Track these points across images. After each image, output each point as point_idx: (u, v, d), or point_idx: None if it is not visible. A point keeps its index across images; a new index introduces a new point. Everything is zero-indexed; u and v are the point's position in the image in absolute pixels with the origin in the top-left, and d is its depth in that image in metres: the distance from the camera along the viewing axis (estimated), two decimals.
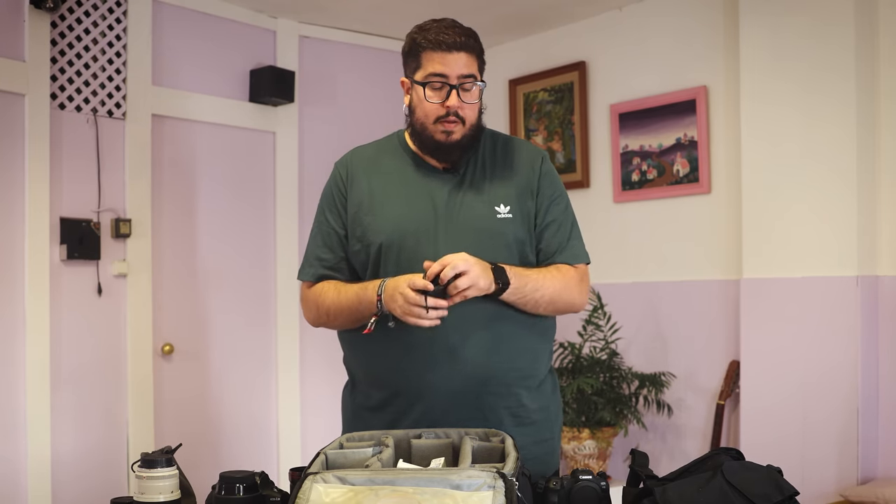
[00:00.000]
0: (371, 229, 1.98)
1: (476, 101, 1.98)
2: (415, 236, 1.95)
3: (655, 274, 4.16)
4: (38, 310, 3.52)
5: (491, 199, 1.99)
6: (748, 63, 3.68)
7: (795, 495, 1.46)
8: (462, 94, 1.94)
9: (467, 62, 1.94)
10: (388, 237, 1.96)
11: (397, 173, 2.03)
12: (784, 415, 3.53)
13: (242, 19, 4.21)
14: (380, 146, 2.12)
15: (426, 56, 1.93)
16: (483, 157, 2.05)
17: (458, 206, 1.98)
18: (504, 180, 2.03)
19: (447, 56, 1.91)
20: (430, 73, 1.93)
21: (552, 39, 4.60)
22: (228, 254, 4.17)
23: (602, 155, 4.37)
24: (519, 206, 2.01)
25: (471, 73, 1.95)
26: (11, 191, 3.50)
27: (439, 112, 1.93)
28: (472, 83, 1.95)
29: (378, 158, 2.07)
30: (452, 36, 1.92)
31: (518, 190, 2.03)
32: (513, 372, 1.96)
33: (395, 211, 1.98)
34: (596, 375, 3.90)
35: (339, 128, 4.50)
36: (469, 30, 1.97)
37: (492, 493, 1.33)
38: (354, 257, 2.02)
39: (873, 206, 3.45)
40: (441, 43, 1.91)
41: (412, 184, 2.01)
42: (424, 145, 1.99)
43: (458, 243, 1.93)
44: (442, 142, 1.95)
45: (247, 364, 4.22)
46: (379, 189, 2.01)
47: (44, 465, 3.51)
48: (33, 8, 3.50)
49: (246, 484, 1.59)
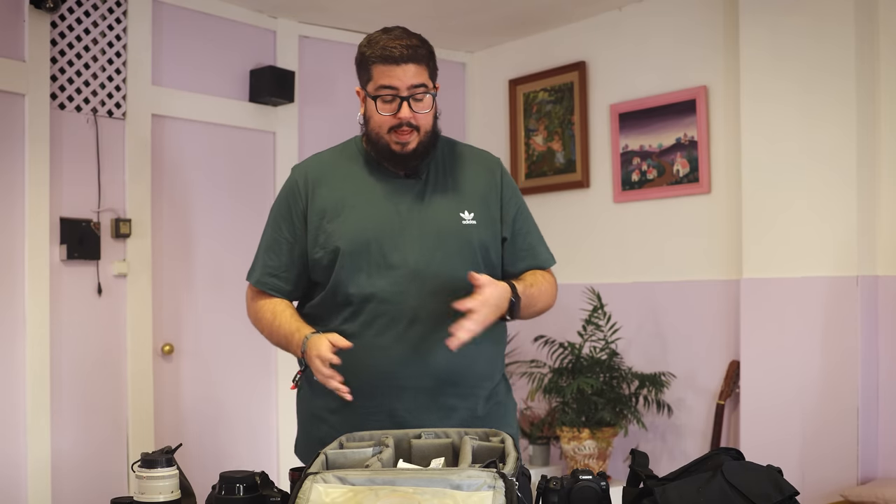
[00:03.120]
0: (335, 235, 2.00)
1: (429, 110, 1.98)
2: (378, 241, 1.98)
3: (655, 274, 4.16)
4: (38, 310, 3.52)
5: (455, 206, 2.03)
6: (748, 63, 3.68)
7: (795, 495, 1.46)
8: (414, 104, 1.96)
9: (416, 72, 1.94)
10: (352, 242, 1.99)
11: (360, 180, 2.06)
12: (784, 415, 3.53)
13: (242, 19, 4.21)
14: (338, 153, 2.14)
15: (375, 69, 1.95)
16: (443, 163, 2.08)
17: (423, 211, 2.01)
18: (466, 187, 2.07)
19: (395, 69, 1.93)
20: (380, 85, 1.95)
21: (552, 39, 4.59)
22: (228, 254, 4.17)
23: (602, 155, 4.37)
24: (482, 212, 2.05)
25: (420, 82, 1.95)
26: (11, 191, 3.50)
27: (392, 123, 1.96)
28: (423, 93, 1.96)
29: (339, 166, 2.10)
30: (399, 48, 1.93)
31: (480, 196, 2.06)
32: (474, 373, 2.02)
33: (358, 217, 2.01)
34: (596, 375, 3.90)
35: (339, 128, 4.48)
36: (417, 38, 1.97)
37: (492, 493, 1.33)
38: (316, 265, 2.04)
39: (873, 206, 3.45)
40: (388, 56, 1.93)
41: (375, 190, 2.04)
42: (381, 154, 2.02)
43: (424, 249, 1.98)
44: (397, 152, 1.99)
45: (247, 364, 4.22)
46: (342, 196, 2.03)
47: (44, 465, 3.51)
48: (33, 8, 3.50)
49: (246, 484, 1.59)
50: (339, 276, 2.00)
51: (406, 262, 1.97)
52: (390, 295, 1.97)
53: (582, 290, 4.10)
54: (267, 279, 2.10)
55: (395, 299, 1.97)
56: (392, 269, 1.97)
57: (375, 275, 1.97)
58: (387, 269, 1.97)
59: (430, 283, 1.97)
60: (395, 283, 1.97)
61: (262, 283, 2.11)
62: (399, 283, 1.97)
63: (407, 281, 1.97)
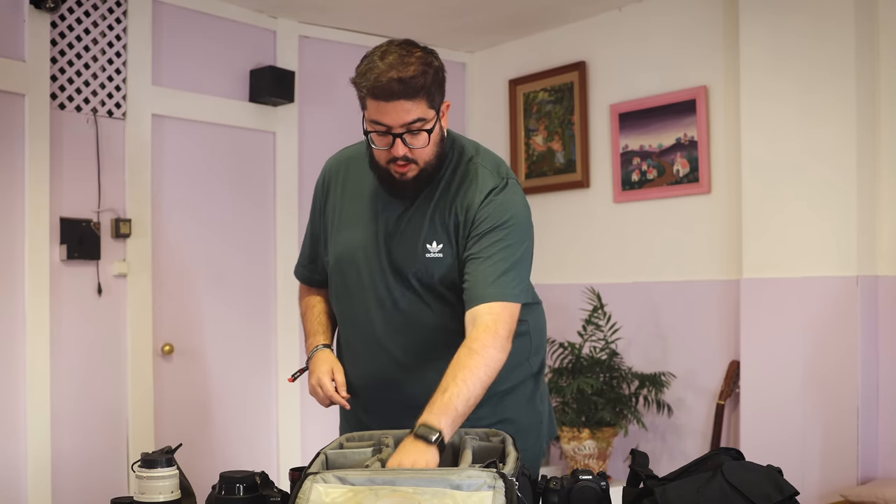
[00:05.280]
0: (329, 246, 2.04)
1: (425, 145, 1.82)
2: (356, 262, 1.97)
3: (655, 274, 4.15)
4: (38, 310, 3.52)
5: (426, 235, 1.90)
6: (748, 63, 3.68)
7: (795, 495, 1.46)
8: (409, 138, 1.80)
9: (409, 108, 1.77)
10: (337, 258, 2.01)
11: (361, 188, 2.01)
12: (784, 415, 3.53)
13: (242, 19, 4.21)
14: (356, 153, 2.06)
15: (368, 102, 1.79)
16: (438, 182, 1.92)
17: (397, 238, 1.94)
18: (445, 213, 1.91)
19: (386, 106, 1.76)
20: (372, 120, 1.80)
21: (552, 39, 4.59)
22: (228, 254, 4.17)
23: (602, 155, 4.37)
24: (451, 243, 1.90)
25: (415, 118, 1.78)
26: (11, 191, 3.50)
27: (387, 157, 1.84)
28: (418, 129, 1.80)
29: (352, 169, 2.05)
30: (390, 83, 1.74)
31: (453, 225, 1.89)
32: None
33: (348, 233, 2.00)
34: (596, 375, 3.90)
35: (339, 128, 4.49)
36: (416, 65, 1.77)
37: (492, 493, 1.33)
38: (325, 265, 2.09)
39: (873, 206, 3.45)
40: (378, 93, 1.76)
41: (370, 206, 1.98)
42: (381, 179, 1.91)
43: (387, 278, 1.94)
44: (398, 180, 1.87)
45: (247, 364, 4.22)
46: (344, 206, 2.03)
47: (44, 465, 3.51)
48: (33, 8, 3.50)
49: (246, 484, 1.60)
50: (332, 286, 2.06)
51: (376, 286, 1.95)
52: (360, 320, 1.98)
53: (582, 290, 4.10)
54: (299, 269, 2.20)
55: (364, 325, 1.97)
56: (363, 291, 1.96)
57: (352, 295, 1.99)
58: (360, 289, 1.97)
59: (392, 316, 1.94)
60: (365, 306, 1.96)
61: (296, 273, 2.21)
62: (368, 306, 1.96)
63: (376, 305, 1.95)
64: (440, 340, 1.90)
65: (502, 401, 1.97)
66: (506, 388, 1.97)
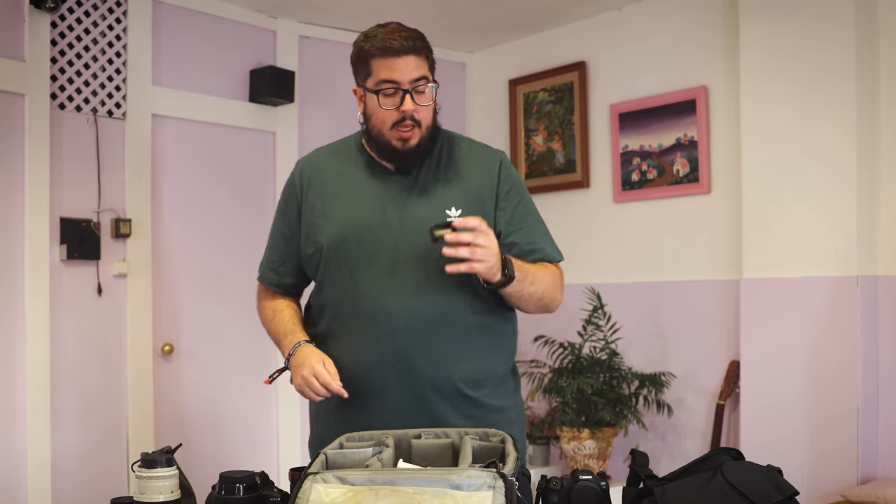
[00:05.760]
0: (321, 231, 2.02)
1: (430, 103, 1.97)
2: (360, 238, 1.98)
3: (655, 274, 4.16)
4: (38, 310, 3.52)
5: (441, 202, 1.99)
6: (748, 63, 3.68)
7: (795, 495, 1.46)
8: (416, 96, 1.93)
9: (417, 64, 1.93)
10: (336, 238, 1.99)
11: (349, 175, 2.05)
12: (784, 415, 3.53)
13: (242, 19, 4.21)
14: (336, 148, 2.15)
15: (376, 63, 1.92)
16: (438, 158, 2.04)
17: (409, 208, 1.99)
18: (457, 183, 2.02)
19: (396, 61, 1.91)
20: (381, 79, 1.92)
21: (552, 39, 4.59)
22: (228, 254, 4.17)
23: (602, 155, 4.37)
24: (473, 209, 1.98)
25: (422, 74, 1.93)
26: (11, 191, 3.50)
27: (395, 117, 1.94)
28: (424, 85, 1.94)
29: (333, 161, 2.10)
30: (399, 41, 1.91)
31: (473, 193, 2.01)
32: (460, 377, 1.97)
33: (344, 212, 2.01)
34: (596, 375, 3.90)
35: (339, 128, 4.47)
36: (415, 31, 1.96)
37: (492, 493, 1.33)
38: (308, 261, 2.07)
39: (873, 206, 3.45)
40: (388, 49, 1.90)
41: (362, 186, 2.03)
42: (381, 151, 2.00)
43: (403, 248, 1.96)
44: (399, 148, 1.97)
45: (247, 364, 4.22)
46: (331, 191, 2.04)
47: (44, 465, 3.51)
48: (33, 8, 3.50)
49: (246, 484, 1.59)
50: (324, 273, 2.02)
51: (386, 259, 1.96)
52: (368, 295, 1.96)
53: (582, 289, 4.10)
54: (267, 273, 2.17)
55: (373, 300, 1.96)
56: (371, 268, 1.96)
57: (356, 273, 1.97)
58: (366, 266, 1.96)
59: (408, 283, 1.95)
60: (374, 283, 1.96)
61: (264, 277, 2.18)
62: (377, 283, 1.96)
63: (386, 279, 1.95)
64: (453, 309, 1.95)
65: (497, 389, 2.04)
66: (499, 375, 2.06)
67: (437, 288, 1.94)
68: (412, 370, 1.95)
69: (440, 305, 1.95)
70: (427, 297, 1.94)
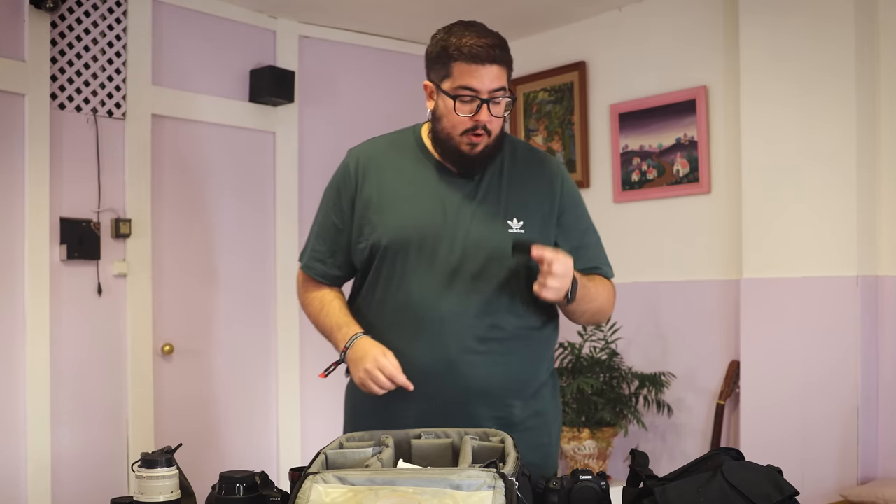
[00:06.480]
0: (378, 229, 1.96)
1: (504, 115, 1.92)
2: (419, 241, 1.93)
3: (655, 274, 4.16)
4: (38, 310, 3.52)
5: (504, 212, 1.96)
6: (748, 63, 3.68)
7: (795, 495, 1.46)
8: (492, 107, 1.88)
9: (498, 75, 1.88)
10: (393, 238, 1.94)
11: (411, 173, 1.99)
12: (784, 415, 3.53)
13: (242, 19, 4.21)
14: (394, 141, 2.07)
15: (457, 67, 1.87)
16: (501, 165, 2.00)
17: (470, 215, 1.95)
18: (521, 192, 1.99)
19: (480, 69, 1.85)
20: (461, 85, 1.87)
21: (552, 39, 4.59)
22: (228, 254, 4.17)
23: (602, 155, 4.37)
24: (534, 221, 1.97)
25: (501, 85, 1.88)
26: (11, 191, 3.50)
27: (468, 125, 1.89)
28: (501, 96, 1.89)
29: (392, 154, 2.04)
30: (486, 48, 1.86)
31: (535, 205, 1.99)
32: (507, 385, 1.96)
33: (403, 212, 1.96)
34: (596, 375, 3.90)
35: (339, 128, 4.50)
36: (501, 40, 1.91)
37: (492, 493, 1.33)
38: (358, 254, 2.01)
39: (873, 206, 3.45)
40: (475, 56, 1.85)
41: (425, 185, 1.97)
42: (447, 153, 1.96)
43: (464, 254, 1.93)
44: (466, 153, 1.92)
45: (247, 364, 4.22)
46: (390, 187, 1.98)
47: (44, 465, 3.51)
48: (33, 8, 3.50)
49: (246, 484, 1.59)
50: (378, 271, 1.97)
51: (445, 264, 1.92)
52: (423, 299, 1.92)
53: None
54: (314, 264, 2.09)
55: (428, 302, 1.92)
56: (428, 272, 1.92)
57: (412, 275, 1.93)
58: (425, 269, 1.92)
59: (465, 289, 1.92)
60: (430, 286, 1.92)
61: (309, 267, 2.10)
62: (433, 288, 1.92)
63: (443, 284, 1.92)
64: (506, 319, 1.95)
65: (537, 394, 2.02)
66: (542, 381, 2.03)
67: (492, 297, 1.92)
68: (461, 377, 1.92)
69: (494, 316, 1.93)
70: (481, 306, 1.92)
